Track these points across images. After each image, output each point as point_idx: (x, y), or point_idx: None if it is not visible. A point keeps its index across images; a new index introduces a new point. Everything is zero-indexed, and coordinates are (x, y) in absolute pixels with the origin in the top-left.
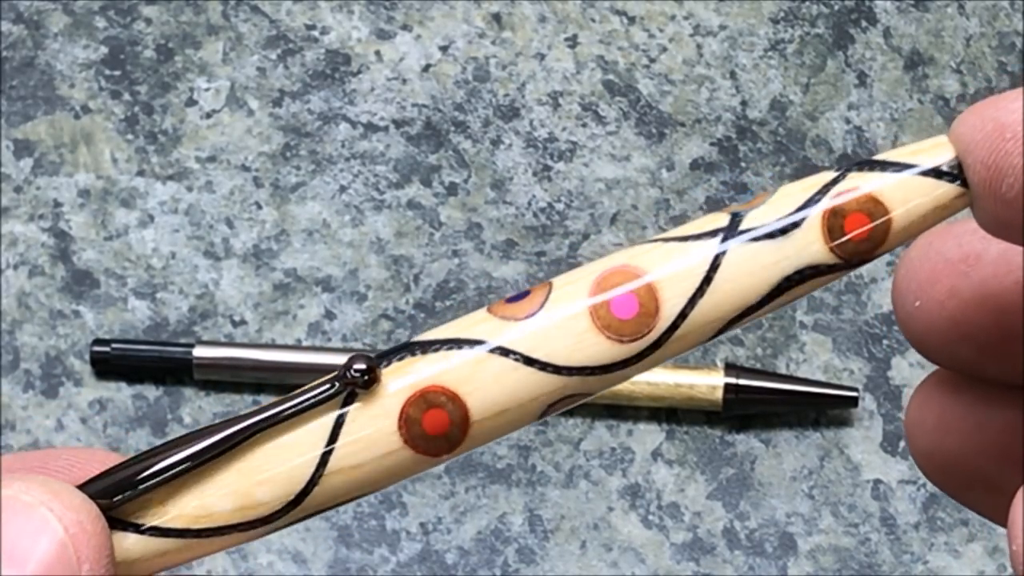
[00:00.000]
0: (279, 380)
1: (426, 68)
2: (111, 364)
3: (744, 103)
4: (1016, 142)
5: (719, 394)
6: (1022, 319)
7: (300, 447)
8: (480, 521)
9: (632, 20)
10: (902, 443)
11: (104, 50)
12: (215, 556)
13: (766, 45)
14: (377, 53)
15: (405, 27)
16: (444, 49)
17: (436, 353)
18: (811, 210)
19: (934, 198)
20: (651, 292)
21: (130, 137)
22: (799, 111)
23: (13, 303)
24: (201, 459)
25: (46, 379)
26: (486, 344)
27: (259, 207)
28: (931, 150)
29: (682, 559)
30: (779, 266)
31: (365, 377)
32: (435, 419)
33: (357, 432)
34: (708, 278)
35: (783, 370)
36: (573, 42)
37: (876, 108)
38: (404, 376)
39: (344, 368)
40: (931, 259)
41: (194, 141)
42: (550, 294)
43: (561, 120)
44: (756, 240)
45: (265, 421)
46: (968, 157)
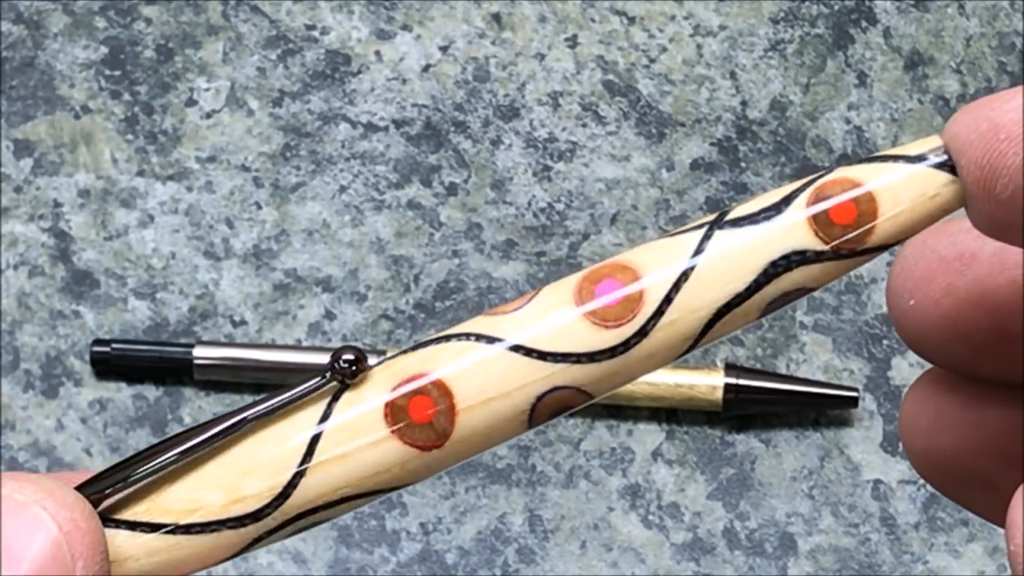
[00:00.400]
0: (279, 380)
1: (426, 68)
2: (111, 364)
3: (744, 103)
4: (1011, 142)
5: (719, 394)
6: (1018, 317)
7: (287, 437)
8: (480, 521)
9: (632, 20)
10: (902, 443)
11: (104, 50)
12: None
13: (766, 45)
14: (377, 53)
15: (405, 27)
16: (444, 49)
17: (424, 348)
18: (796, 198)
19: (921, 184)
20: (635, 277)
21: (130, 137)
22: (799, 111)
23: (13, 303)
24: (192, 454)
25: (46, 379)
26: (472, 336)
27: (259, 207)
28: (921, 145)
29: (682, 559)
30: (764, 250)
31: (353, 368)
32: (420, 405)
33: (343, 420)
34: (692, 264)
35: (783, 370)
36: (573, 42)
37: (876, 108)
38: (391, 367)
39: (332, 360)
40: (926, 257)
41: (194, 141)
42: (539, 292)
43: (561, 120)
44: (740, 226)
45: (255, 415)
46: (962, 157)
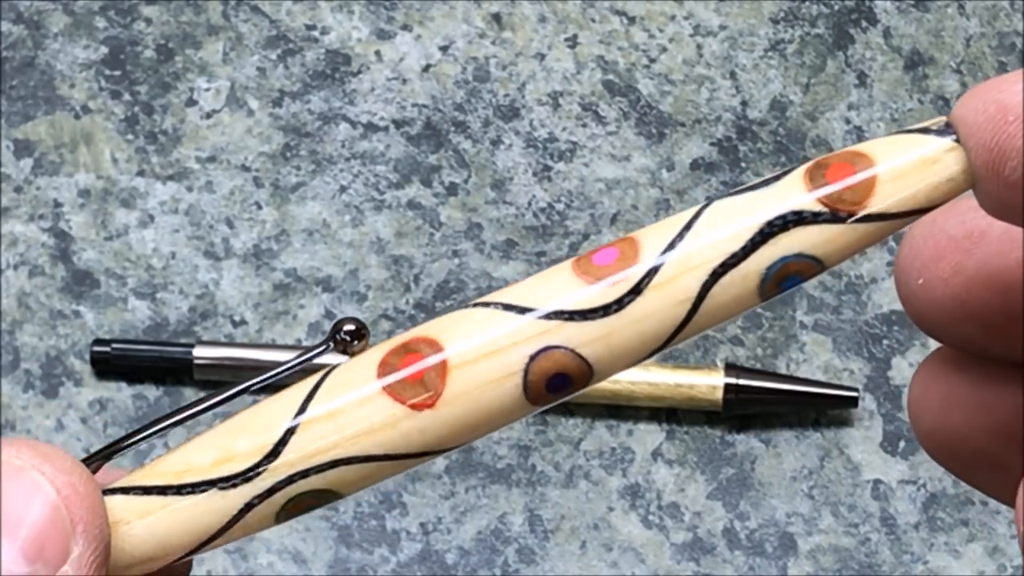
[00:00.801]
0: (279, 380)
1: (426, 68)
2: (111, 364)
3: (744, 103)
4: (1019, 124)
5: (719, 394)
6: None
7: (283, 401)
8: (480, 521)
9: (632, 20)
10: (902, 443)
11: (104, 50)
12: (215, 555)
13: (766, 45)
14: (377, 53)
15: (405, 27)
16: (444, 49)
17: (425, 324)
18: (796, 169)
19: (920, 149)
20: (633, 244)
21: (130, 137)
22: (799, 111)
23: (13, 303)
24: (188, 422)
25: (46, 379)
26: (469, 304)
27: (259, 207)
28: (924, 123)
29: (682, 559)
30: (761, 212)
31: (354, 340)
32: (412, 362)
33: (337, 380)
34: (689, 225)
35: (783, 370)
36: (573, 42)
37: (876, 108)
38: (390, 339)
39: (333, 330)
40: (935, 236)
41: (194, 141)
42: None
43: (561, 120)
44: (740, 193)
45: (253, 386)
46: (970, 140)
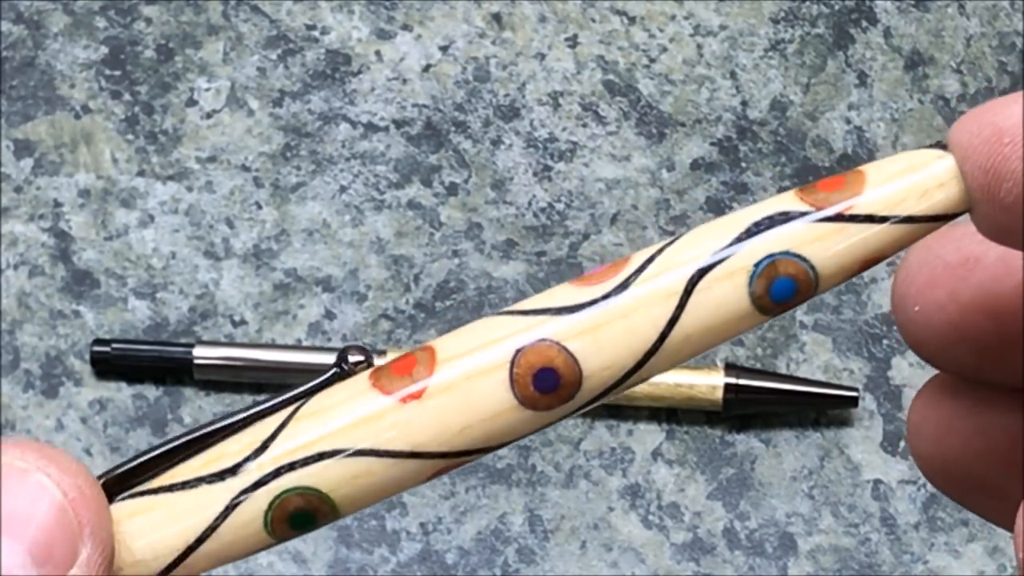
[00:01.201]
0: (279, 380)
1: (426, 68)
2: (111, 364)
3: (744, 103)
4: (1014, 147)
5: (719, 394)
6: (1022, 323)
7: (278, 416)
8: (480, 521)
9: (632, 20)
10: (902, 443)
11: (104, 50)
12: None
13: (766, 45)
14: (377, 53)
15: (405, 27)
16: (444, 49)
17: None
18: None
19: (909, 158)
20: (626, 258)
21: (130, 137)
22: (799, 111)
23: (13, 303)
24: (190, 449)
25: (46, 379)
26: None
27: (259, 207)
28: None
29: (682, 559)
30: (749, 215)
31: (360, 368)
32: (403, 361)
33: (331, 389)
34: (680, 235)
35: (783, 370)
36: (573, 42)
37: (876, 108)
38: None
39: (339, 359)
40: (930, 263)
41: (194, 141)
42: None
43: (561, 120)
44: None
45: (260, 413)
46: (966, 163)
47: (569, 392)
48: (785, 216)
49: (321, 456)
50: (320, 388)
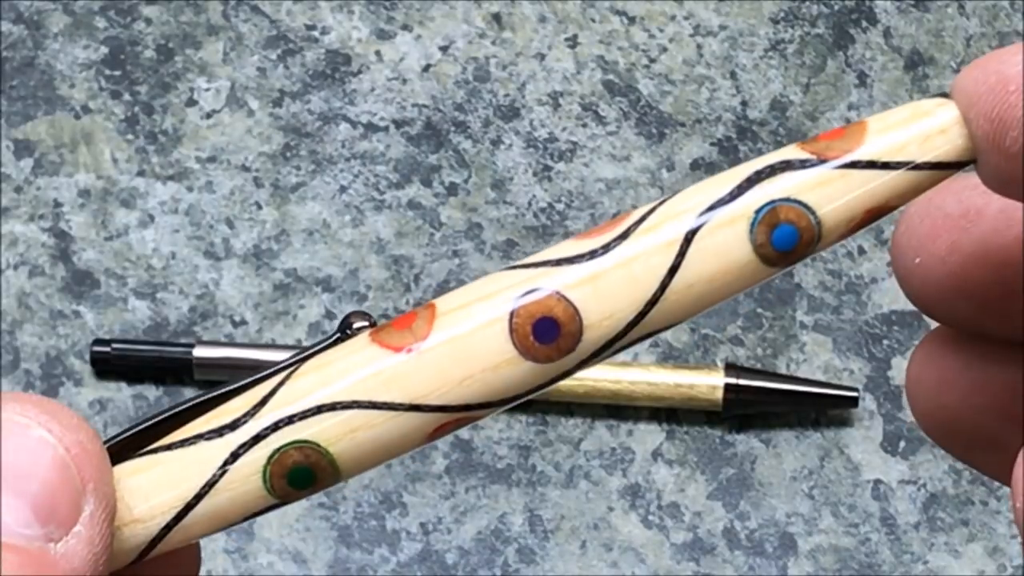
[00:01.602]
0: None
1: (426, 68)
2: (111, 364)
3: (744, 103)
4: (1019, 94)
5: (719, 394)
6: (1023, 275)
7: (282, 376)
8: (480, 521)
9: (632, 20)
10: (902, 443)
11: (104, 50)
12: (215, 555)
13: (766, 45)
14: (377, 53)
15: (405, 27)
16: (444, 49)
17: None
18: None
19: (912, 106)
20: (627, 212)
21: (130, 137)
22: (799, 111)
23: (13, 303)
24: (194, 415)
25: (46, 379)
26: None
27: (259, 207)
28: None
29: (682, 559)
30: (750, 165)
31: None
32: (404, 317)
33: (333, 349)
34: (682, 189)
35: (783, 370)
36: (573, 42)
37: (876, 108)
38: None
39: (343, 324)
40: (931, 215)
41: (194, 141)
42: None
43: (561, 120)
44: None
45: (264, 377)
46: (971, 111)
47: (570, 343)
48: (786, 164)
49: (320, 409)
50: (322, 351)
